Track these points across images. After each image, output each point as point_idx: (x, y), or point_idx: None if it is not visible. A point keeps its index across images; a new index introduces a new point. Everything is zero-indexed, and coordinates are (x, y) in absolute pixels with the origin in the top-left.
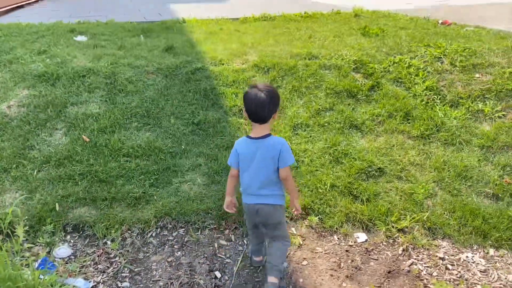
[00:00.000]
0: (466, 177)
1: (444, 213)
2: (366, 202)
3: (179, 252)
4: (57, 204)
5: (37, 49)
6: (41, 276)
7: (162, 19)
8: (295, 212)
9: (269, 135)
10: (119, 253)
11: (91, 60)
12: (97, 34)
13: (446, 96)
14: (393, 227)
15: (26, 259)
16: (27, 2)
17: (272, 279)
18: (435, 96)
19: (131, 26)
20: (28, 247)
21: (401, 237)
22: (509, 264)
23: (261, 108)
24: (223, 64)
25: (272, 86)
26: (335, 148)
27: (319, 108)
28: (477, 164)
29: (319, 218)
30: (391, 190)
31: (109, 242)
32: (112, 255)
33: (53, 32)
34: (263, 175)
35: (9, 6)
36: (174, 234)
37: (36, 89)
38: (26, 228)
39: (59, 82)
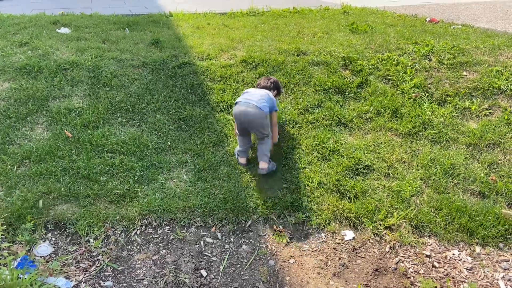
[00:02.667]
0: (453, 174)
1: (431, 210)
2: (353, 199)
3: (164, 250)
4: (40, 201)
5: (19, 41)
6: (21, 276)
7: (148, 12)
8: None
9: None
10: (102, 251)
11: (74, 53)
12: (81, 26)
13: (433, 93)
14: (380, 224)
15: (5, 258)
16: None
17: (262, 164)
18: (423, 94)
19: (116, 19)
20: (6, 246)
21: (388, 235)
22: (495, 262)
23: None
24: (210, 59)
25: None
26: (323, 145)
27: (307, 105)
28: (464, 162)
29: (306, 215)
30: (378, 187)
31: (91, 240)
32: (94, 254)
33: (35, 24)
34: (255, 95)
35: None
36: (159, 231)
37: (17, 82)
38: (4, 227)
39: (41, 75)
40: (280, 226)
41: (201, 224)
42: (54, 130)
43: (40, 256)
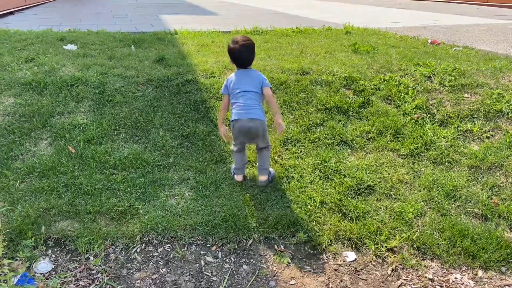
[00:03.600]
0: (455, 197)
1: (433, 233)
2: (355, 220)
3: (164, 269)
4: (43, 227)
5: (25, 57)
6: None
7: (154, 30)
8: (279, 130)
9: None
10: (102, 269)
11: (80, 69)
12: (87, 43)
13: (435, 115)
14: (382, 246)
15: (5, 275)
16: (18, 8)
17: (262, 178)
18: (425, 115)
19: (122, 36)
20: (7, 263)
21: (390, 257)
22: (497, 286)
23: (244, 56)
24: (214, 76)
25: (249, 38)
26: (325, 164)
27: (309, 124)
28: (466, 184)
29: (308, 235)
30: (380, 208)
31: (91, 258)
32: (94, 271)
33: (42, 40)
34: (250, 93)
35: None
36: (159, 250)
37: (22, 98)
38: (6, 242)
39: (46, 91)
40: (282, 246)
41: (202, 242)
42: (58, 146)
43: (40, 273)
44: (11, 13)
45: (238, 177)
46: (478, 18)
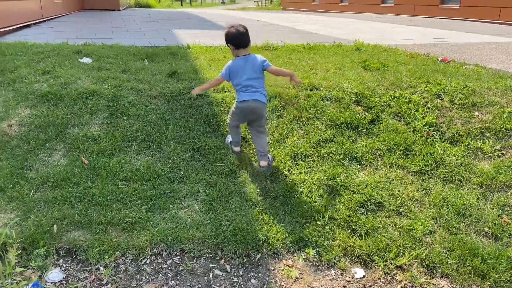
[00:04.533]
0: (465, 215)
1: (443, 251)
2: (364, 236)
3: (172, 281)
4: (55, 226)
5: (42, 69)
6: None
7: (167, 45)
8: (298, 83)
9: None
10: (112, 279)
11: (94, 82)
12: (102, 56)
13: (445, 132)
14: (391, 263)
15: (17, 283)
16: (34, 21)
17: (263, 164)
18: (435, 132)
19: (136, 50)
20: (20, 271)
21: (399, 274)
22: None
23: (245, 37)
24: (225, 91)
25: (244, 26)
26: (334, 180)
27: (319, 139)
28: (476, 203)
29: (316, 251)
30: (389, 225)
31: (102, 268)
32: (104, 282)
33: (58, 53)
34: (256, 76)
35: (16, 25)
36: (168, 262)
37: (38, 109)
38: (19, 251)
39: (62, 102)
40: (290, 261)
41: (211, 255)
42: (72, 157)
43: (51, 283)
44: (28, 25)
45: (237, 148)
46: (490, 36)
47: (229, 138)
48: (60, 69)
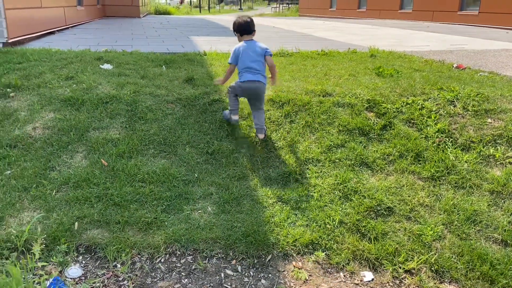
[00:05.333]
0: (475, 221)
1: (452, 256)
2: (373, 240)
3: (186, 280)
4: (76, 223)
5: (65, 74)
6: None
7: (184, 51)
8: (272, 82)
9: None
10: (128, 276)
11: (114, 87)
12: (122, 63)
13: (457, 139)
14: (400, 267)
15: (39, 277)
16: (58, 28)
17: (260, 135)
18: (447, 139)
19: (154, 57)
20: (42, 265)
21: (407, 278)
22: None
23: (249, 25)
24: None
25: (249, 16)
26: (345, 184)
27: (330, 144)
28: (487, 209)
29: (326, 254)
30: (399, 230)
31: (118, 265)
32: (121, 278)
33: (81, 59)
34: (258, 60)
35: (41, 31)
36: (182, 261)
37: (61, 113)
38: (43, 246)
39: (84, 107)
40: (300, 263)
41: (223, 256)
42: (92, 159)
43: (71, 278)
44: (52, 32)
45: (235, 117)
46: (507, 43)
47: (227, 112)
48: (82, 75)
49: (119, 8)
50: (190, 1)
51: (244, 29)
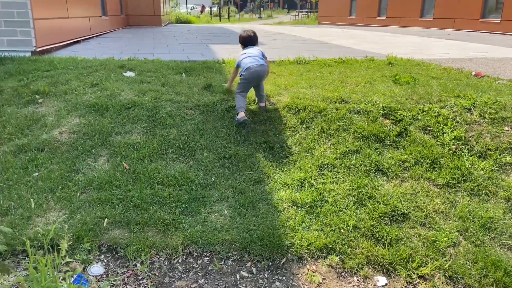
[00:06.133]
0: (491, 228)
1: (466, 262)
2: (387, 246)
3: (202, 280)
4: (106, 220)
5: (90, 82)
6: None
7: (203, 59)
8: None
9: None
10: (147, 275)
11: (136, 94)
12: (144, 70)
13: (474, 146)
14: (413, 273)
15: (64, 273)
16: (83, 37)
17: (261, 104)
18: (463, 146)
19: (175, 65)
20: (66, 262)
21: (421, 284)
22: None
23: (251, 39)
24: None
25: (253, 30)
26: (359, 190)
27: (346, 151)
28: (502, 216)
29: (340, 258)
30: (413, 236)
31: (138, 265)
32: (140, 277)
33: (105, 67)
34: (260, 56)
35: (67, 41)
36: (199, 262)
37: (86, 118)
38: (71, 242)
39: (107, 113)
40: (314, 266)
41: (238, 258)
42: (114, 162)
43: (93, 276)
44: (78, 41)
45: (241, 113)
46: None
47: (237, 116)
48: (106, 82)
49: (141, 18)
50: (211, 10)
51: (247, 41)
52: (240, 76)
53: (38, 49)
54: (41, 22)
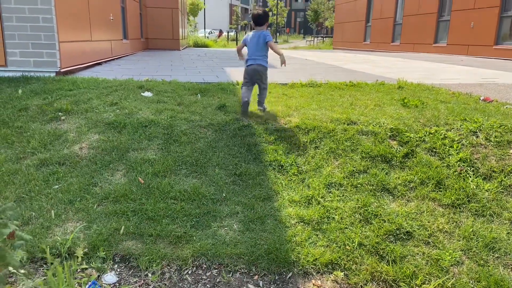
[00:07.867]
0: (494, 248)
1: (469, 281)
2: (392, 263)
3: None
4: (122, 227)
5: (110, 101)
6: None
7: (218, 81)
8: (283, 65)
9: (262, 31)
10: (158, 285)
11: (153, 113)
12: (161, 91)
13: (479, 168)
14: None
15: (79, 279)
16: (105, 60)
17: (260, 108)
18: (468, 168)
19: (190, 86)
20: (82, 268)
21: None
22: None
23: (259, 18)
24: (267, 123)
25: (264, 9)
26: (365, 208)
27: (353, 170)
28: (506, 237)
29: (344, 274)
30: (417, 254)
31: (150, 275)
32: (151, 287)
33: (124, 88)
34: (259, 49)
35: (90, 62)
36: (207, 273)
37: (105, 135)
38: (86, 249)
39: (125, 130)
40: (319, 281)
41: (246, 271)
42: (130, 177)
43: (106, 284)
44: (100, 63)
45: (245, 99)
46: None
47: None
48: (125, 101)
49: (161, 41)
50: (228, 35)
51: (255, 20)
52: (245, 69)
53: (62, 70)
54: (66, 45)
